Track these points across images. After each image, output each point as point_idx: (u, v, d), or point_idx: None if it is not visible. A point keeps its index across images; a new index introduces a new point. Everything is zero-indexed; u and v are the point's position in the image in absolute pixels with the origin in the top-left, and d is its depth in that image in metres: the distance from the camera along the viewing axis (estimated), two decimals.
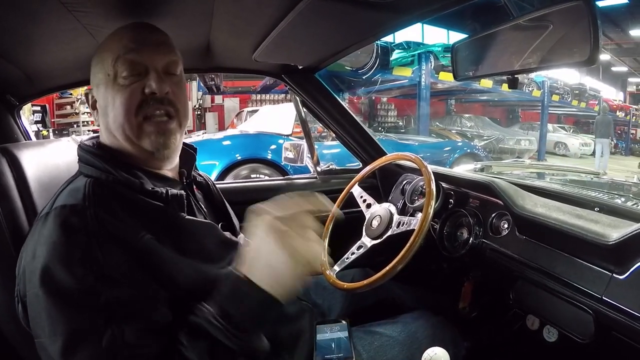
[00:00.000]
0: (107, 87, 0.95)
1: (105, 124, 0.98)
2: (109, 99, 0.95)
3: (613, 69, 26.58)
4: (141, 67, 0.95)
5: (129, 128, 0.94)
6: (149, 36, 0.99)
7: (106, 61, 0.95)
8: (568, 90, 17.91)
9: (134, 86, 0.94)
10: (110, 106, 0.95)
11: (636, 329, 1.00)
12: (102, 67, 0.96)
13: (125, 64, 0.93)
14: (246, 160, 5.95)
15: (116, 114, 0.94)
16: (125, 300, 0.78)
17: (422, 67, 11.46)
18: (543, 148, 15.63)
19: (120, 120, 0.94)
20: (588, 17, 0.92)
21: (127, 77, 0.94)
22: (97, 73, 0.98)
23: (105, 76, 0.95)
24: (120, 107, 0.93)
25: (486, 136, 14.72)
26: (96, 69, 0.98)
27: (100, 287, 0.77)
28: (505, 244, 1.45)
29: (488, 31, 1.20)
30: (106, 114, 0.96)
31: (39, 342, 0.78)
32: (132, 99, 0.93)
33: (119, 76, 0.94)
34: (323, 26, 1.31)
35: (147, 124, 0.95)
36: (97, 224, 0.81)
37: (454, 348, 1.27)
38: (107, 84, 0.95)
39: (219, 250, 1.00)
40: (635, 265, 1.05)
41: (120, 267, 0.79)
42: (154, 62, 0.96)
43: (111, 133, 0.98)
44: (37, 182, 1.13)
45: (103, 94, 0.96)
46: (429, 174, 1.47)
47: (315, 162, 2.32)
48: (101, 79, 0.96)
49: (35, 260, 0.79)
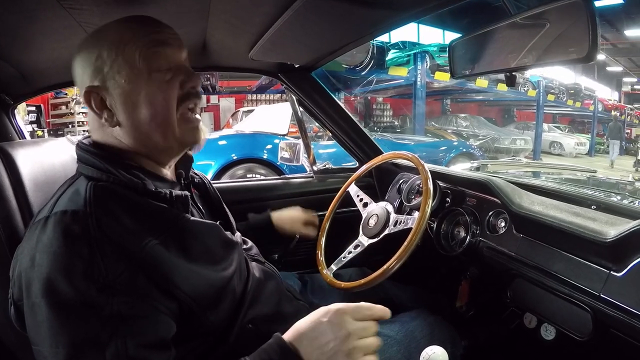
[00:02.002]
0: (138, 83, 0.90)
1: (135, 122, 0.92)
2: (143, 94, 0.91)
3: (608, 69, 26.77)
4: (173, 60, 0.94)
5: (171, 122, 0.93)
6: (169, 30, 0.97)
7: (126, 54, 0.90)
8: (563, 89, 17.97)
9: (174, 80, 0.93)
10: (145, 102, 0.91)
11: (634, 326, 1.00)
12: (124, 62, 0.90)
13: (159, 58, 0.92)
14: (242, 160, 5.97)
15: (156, 111, 0.92)
16: (128, 312, 0.77)
17: (417, 67, 11.46)
18: (538, 147, 15.69)
19: (162, 114, 0.92)
20: (587, 14, 0.92)
21: (164, 71, 0.92)
22: (111, 69, 0.90)
23: (132, 71, 0.90)
24: (163, 102, 0.92)
25: (482, 136, 14.79)
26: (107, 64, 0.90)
27: (103, 299, 0.75)
28: (502, 242, 1.45)
29: (485, 29, 1.20)
30: (137, 111, 0.91)
31: (39, 350, 0.77)
32: (173, 94, 0.93)
33: (154, 70, 0.91)
34: (319, 25, 1.30)
35: (187, 118, 0.96)
36: (99, 231, 0.79)
37: (452, 347, 1.28)
38: (138, 78, 0.90)
39: (222, 251, 0.99)
40: (633, 262, 1.06)
41: (123, 276, 0.77)
42: (182, 56, 0.97)
43: (141, 131, 0.93)
44: (33, 181, 1.11)
45: (129, 90, 0.90)
46: (426, 173, 1.47)
47: (312, 162, 2.33)
48: (124, 75, 0.90)
49: (35, 269, 0.77)
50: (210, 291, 0.91)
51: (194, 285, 0.87)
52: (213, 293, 0.92)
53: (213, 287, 0.92)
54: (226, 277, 0.96)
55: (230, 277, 0.98)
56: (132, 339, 0.75)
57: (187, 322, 0.87)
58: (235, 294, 0.99)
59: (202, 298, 0.89)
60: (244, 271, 1.08)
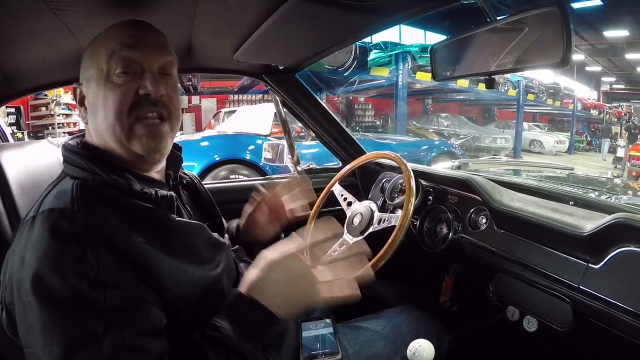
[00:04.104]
0: (99, 84, 0.90)
1: (94, 123, 0.93)
2: (100, 96, 0.90)
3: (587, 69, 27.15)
4: (137, 65, 0.91)
5: (119, 129, 0.90)
6: (148, 35, 0.95)
7: (100, 56, 0.90)
8: (543, 89, 18.20)
9: (128, 85, 0.90)
10: (100, 104, 0.90)
11: (612, 315, 1.05)
12: (95, 62, 0.91)
13: (120, 61, 0.90)
14: (225, 161, 5.91)
15: (107, 114, 0.89)
16: (121, 305, 0.76)
17: (399, 67, 11.50)
18: (519, 146, 15.85)
19: (110, 121, 0.89)
20: (562, 21, 0.97)
21: (122, 75, 0.90)
22: (89, 67, 0.93)
23: (98, 72, 0.90)
24: (112, 107, 0.89)
25: (463, 135, 14.88)
26: (88, 63, 0.93)
27: (95, 293, 0.74)
28: (484, 238, 1.49)
29: (466, 34, 1.24)
30: (96, 112, 0.91)
31: (32, 352, 0.75)
32: (125, 99, 0.89)
33: (113, 73, 0.89)
34: (305, 28, 1.32)
35: (138, 126, 0.91)
36: (87, 227, 0.78)
37: (438, 341, 1.28)
38: (100, 80, 0.90)
39: (208, 252, 0.98)
40: (610, 254, 1.10)
41: (113, 270, 0.77)
42: (150, 62, 0.93)
43: (99, 133, 0.93)
44: (19, 184, 1.10)
45: (94, 90, 0.91)
46: (408, 172, 1.50)
47: (296, 162, 2.34)
48: (93, 74, 0.91)
49: (24, 268, 0.76)
50: (196, 289, 0.90)
51: (179, 283, 0.86)
52: (199, 291, 0.91)
53: (199, 286, 0.91)
54: (214, 276, 0.96)
55: (219, 277, 0.97)
56: (127, 329, 0.75)
57: (173, 321, 0.86)
58: (224, 293, 0.98)
59: (188, 296, 0.88)
60: (233, 271, 1.09)
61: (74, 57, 1.28)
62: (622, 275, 1.07)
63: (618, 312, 1.04)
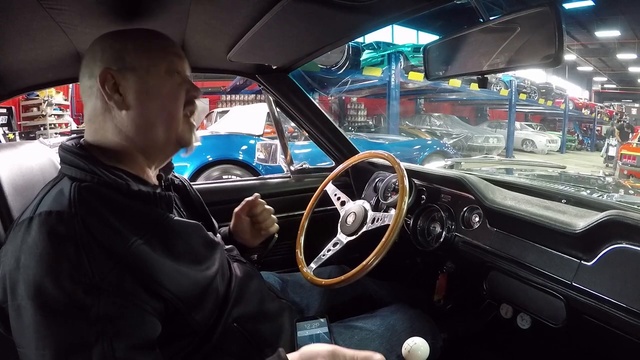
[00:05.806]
0: (160, 76, 0.98)
1: (140, 109, 0.96)
2: (159, 87, 0.98)
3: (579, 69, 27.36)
4: (183, 72, 1.03)
5: (177, 118, 1.00)
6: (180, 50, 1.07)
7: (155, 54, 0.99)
8: (535, 89, 18.30)
9: (184, 85, 1.02)
10: (157, 94, 0.97)
11: (605, 311, 1.06)
12: (158, 56, 0.99)
13: (177, 66, 1.01)
14: (217, 161, 5.93)
15: (166, 103, 0.99)
16: (115, 313, 0.76)
17: (391, 67, 11.53)
18: (511, 145, 15.94)
19: (171, 109, 0.99)
20: (554, 21, 0.97)
21: (178, 76, 1.01)
22: (144, 58, 0.97)
23: (154, 66, 0.98)
24: (174, 97, 1.00)
25: (455, 134, 14.94)
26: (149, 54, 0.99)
27: (90, 300, 0.74)
28: (477, 237, 1.49)
29: (459, 34, 1.24)
30: (148, 99, 0.97)
31: (24, 353, 0.76)
32: (182, 96, 1.01)
33: (174, 71, 1.00)
34: (298, 27, 1.31)
35: (186, 119, 1.03)
36: (85, 232, 0.78)
37: (432, 339, 1.30)
38: (157, 74, 0.98)
39: (204, 251, 1.00)
40: (602, 251, 1.11)
41: (109, 277, 0.77)
42: (188, 71, 1.07)
43: (142, 119, 0.97)
44: (11, 185, 1.09)
45: (148, 79, 0.97)
46: (401, 171, 1.50)
47: (289, 162, 2.34)
48: (150, 66, 0.97)
49: (20, 270, 0.76)
50: (194, 290, 0.91)
51: (179, 284, 0.87)
52: (198, 292, 0.92)
53: (197, 286, 0.92)
54: (209, 276, 0.97)
55: (213, 276, 0.98)
56: (119, 340, 0.75)
57: (173, 322, 0.87)
58: (218, 293, 1.00)
59: (187, 297, 0.89)
60: (226, 271, 1.09)
61: (67, 56, 1.28)
62: (614, 271, 1.08)
63: (611, 309, 1.05)
